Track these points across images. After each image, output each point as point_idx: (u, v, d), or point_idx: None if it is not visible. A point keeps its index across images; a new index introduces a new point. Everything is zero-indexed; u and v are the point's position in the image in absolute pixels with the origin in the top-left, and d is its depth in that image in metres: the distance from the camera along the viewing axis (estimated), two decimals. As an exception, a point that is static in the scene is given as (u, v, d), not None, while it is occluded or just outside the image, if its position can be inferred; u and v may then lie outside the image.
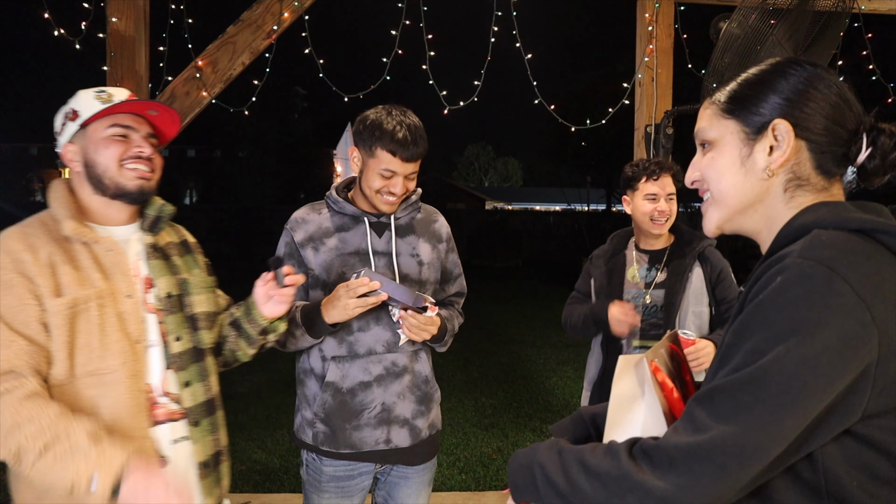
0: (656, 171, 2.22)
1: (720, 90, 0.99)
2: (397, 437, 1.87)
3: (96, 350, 1.35)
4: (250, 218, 20.56)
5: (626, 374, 1.05)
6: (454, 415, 5.14)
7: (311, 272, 1.87)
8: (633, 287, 2.28)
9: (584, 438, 1.17)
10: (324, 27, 5.76)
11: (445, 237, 2.01)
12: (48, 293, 1.33)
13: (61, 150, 1.50)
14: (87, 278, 1.38)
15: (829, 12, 2.67)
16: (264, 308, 1.61)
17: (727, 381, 0.80)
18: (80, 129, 1.46)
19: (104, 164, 1.45)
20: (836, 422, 0.79)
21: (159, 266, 1.52)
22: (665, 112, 3.30)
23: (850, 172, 0.94)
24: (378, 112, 1.82)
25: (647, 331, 2.22)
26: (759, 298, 0.81)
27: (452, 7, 3.66)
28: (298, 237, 1.88)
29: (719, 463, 0.77)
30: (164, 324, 1.49)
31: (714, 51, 2.74)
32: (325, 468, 1.89)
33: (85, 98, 1.48)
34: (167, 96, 3.04)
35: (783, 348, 0.76)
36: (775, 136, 0.91)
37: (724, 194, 0.97)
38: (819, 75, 0.92)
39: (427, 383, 1.93)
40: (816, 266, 0.78)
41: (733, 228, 1.00)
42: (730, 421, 0.78)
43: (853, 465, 0.81)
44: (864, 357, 0.76)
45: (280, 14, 3.03)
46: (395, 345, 1.85)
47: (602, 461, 0.87)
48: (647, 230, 2.25)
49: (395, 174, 1.79)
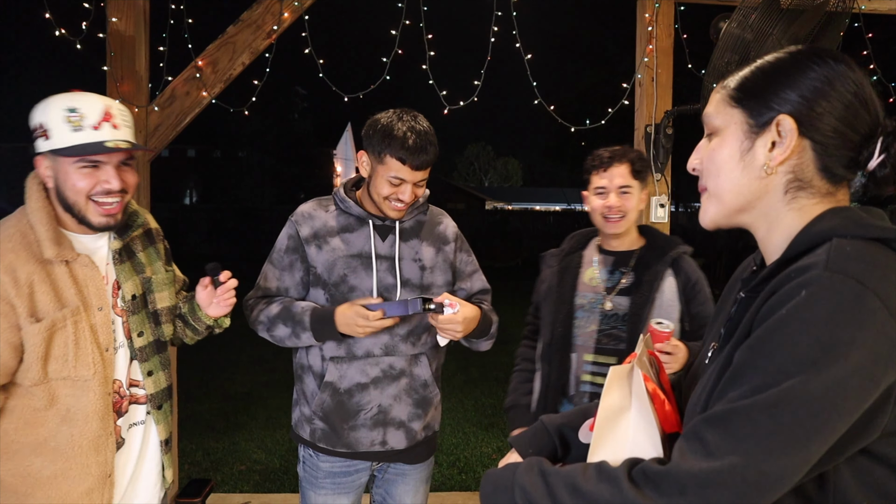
0: (605, 159, 1.95)
1: (734, 74, 0.92)
2: (393, 439, 1.88)
3: (70, 360, 1.43)
4: (250, 218, 20.55)
5: (616, 386, 0.98)
6: (454, 415, 5.14)
7: (313, 269, 1.86)
8: (588, 290, 1.99)
9: (549, 451, 1.10)
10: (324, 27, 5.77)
11: (452, 237, 1.98)
12: (25, 315, 1.38)
13: (35, 158, 1.49)
14: (64, 297, 1.43)
15: (829, 12, 2.67)
16: (208, 309, 1.70)
17: (746, 404, 0.73)
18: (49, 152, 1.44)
19: (72, 198, 1.45)
20: (857, 442, 0.75)
21: (125, 269, 1.59)
22: (665, 112, 3.30)
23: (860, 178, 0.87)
24: (388, 116, 1.79)
25: (605, 343, 1.91)
26: (782, 313, 0.75)
27: (452, 7, 3.67)
28: (304, 232, 1.86)
29: (737, 491, 0.72)
30: (128, 323, 1.59)
31: (714, 51, 2.74)
32: (322, 464, 1.90)
33: (55, 117, 1.41)
34: (167, 96, 3.04)
35: (813, 370, 0.71)
36: (779, 131, 0.85)
37: (721, 190, 0.91)
38: (838, 72, 0.84)
39: (426, 387, 1.92)
40: (846, 280, 0.73)
41: (730, 225, 0.94)
42: (750, 446, 0.72)
43: (864, 483, 0.77)
44: (891, 375, 0.72)
45: (280, 14, 3.02)
46: (394, 347, 1.85)
47: (598, 487, 0.80)
48: (602, 229, 1.99)
49: (404, 182, 1.76)
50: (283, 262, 1.89)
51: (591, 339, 1.93)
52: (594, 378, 1.92)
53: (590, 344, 1.93)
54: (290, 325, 1.81)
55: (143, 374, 1.62)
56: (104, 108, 1.44)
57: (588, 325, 1.95)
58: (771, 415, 0.72)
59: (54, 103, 1.42)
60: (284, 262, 1.89)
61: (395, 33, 3.29)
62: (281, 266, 1.90)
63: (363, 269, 1.83)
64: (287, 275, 1.89)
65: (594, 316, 1.94)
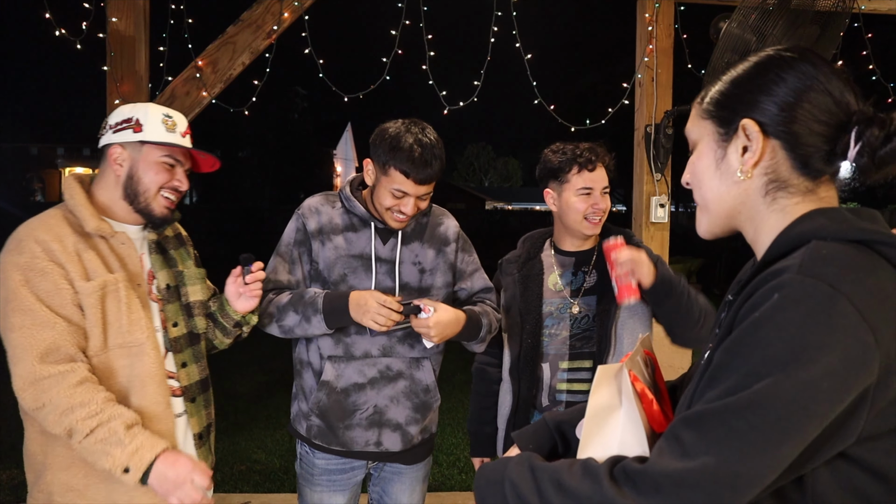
0: (591, 160, 1.86)
1: (706, 90, 0.95)
2: (388, 441, 1.87)
3: (125, 325, 1.51)
4: (250, 218, 20.58)
5: (605, 385, 0.99)
6: (454, 415, 5.14)
7: (315, 264, 1.86)
8: (555, 297, 1.91)
9: (550, 448, 1.12)
10: (324, 27, 5.76)
11: (454, 237, 1.96)
12: (78, 277, 1.46)
13: (109, 147, 1.59)
14: (110, 264, 1.53)
15: (829, 12, 2.67)
16: (236, 303, 1.72)
17: (720, 406, 0.74)
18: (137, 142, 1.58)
19: (146, 186, 1.59)
20: (832, 445, 0.75)
21: (159, 260, 1.66)
22: (665, 112, 3.30)
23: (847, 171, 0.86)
24: (396, 127, 1.76)
25: (579, 347, 1.87)
26: (756, 316, 0.75)
27: (452, 7, 3.66)
28: (311, 226, 1.85)
29: (710, 492, 0.73)
30: (164, 312, 1.64)
31: (714, 51, 2.74)
32: (318, 461, 1.91)
33: (153, 116, 1.59)
34: (167, 96, 3.04)
35: (782, 373, 0.71)
36: (746, 135, 0.87)
37: (706, 199, 0.93)
38: (799, 70, 0.85)
39: (427, 392, 1.91)
40: (818, 284, 0.73)
41: (724, 232, 0.96)
42: (722, 447, 0.73)
43: (844, 488, 0.77)
44: (864, 380, 0.72)
45: (280, 14, 3.03)
46: (391, 349, 1.85)
47: (581, 483, 0.81)
48: (580, 230, 1.89)
49: (407, 195, 1.75)
50: (292, 254, 1.88)
51: (564, 346, 1.88)
52: (571, 385, 1.88)
53: (563, 351, 1.88)
54: (300, 312, 1.77)
55: (176, 366, 1.63)
56: (187, 123, 1.67)
57: (559, 331, 1.89)
58: (743, 416, 0.73)
59: (151, 107, 1.61)
60: (294, 255, 1.87)
61: (395, 33, 3.29)
62: (291, 259, 1.88)
63: (363, 270, 1.83)
64: (297, 268, 1.87)
65: (564, 322, 1.89)
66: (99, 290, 1.47)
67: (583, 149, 1.87)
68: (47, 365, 1.39)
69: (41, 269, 1.43)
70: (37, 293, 1.42)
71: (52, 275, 1.44)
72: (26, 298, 1.41)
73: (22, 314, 1.41)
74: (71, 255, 1.47)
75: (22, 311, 1.41)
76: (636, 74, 3.37)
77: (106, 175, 1.61)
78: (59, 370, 1.39)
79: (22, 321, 1.41)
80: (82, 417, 1.38)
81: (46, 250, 1.45)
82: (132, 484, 1.41)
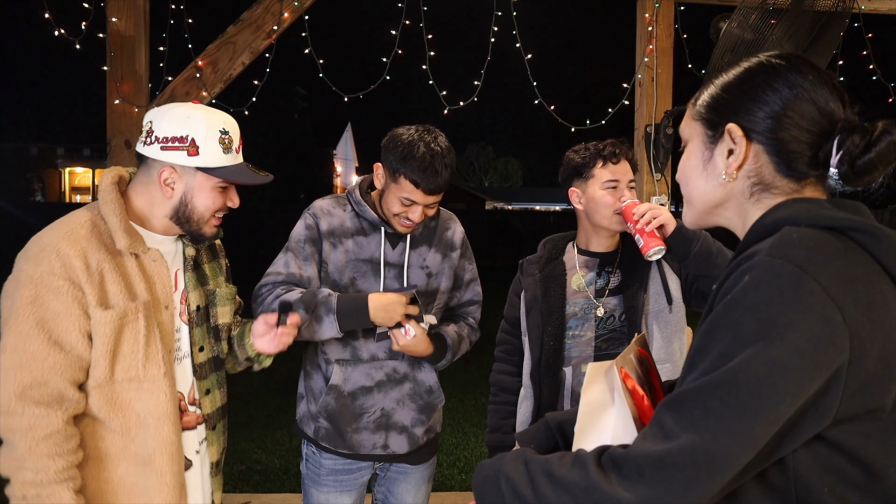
0: (615, 153, 1.81)
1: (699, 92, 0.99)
2: (395, 443, 1.89)
3: (140, 359, 1.39)
4: (250, 218, 20.56)
5: (596, 382, 1.02)
6: (454, 415, 5.14)
7: (325, 266, 1.85)
8: (579, 297, 1.85)
9: (552, 447, 1.14)
10: (324, 27, 5.77)
11: (459, 243, 1.99)
12: (95, 303, 1.33)
13: (156, 163, 1.44)
14: (134, 289, 1.40)
15: (829, 12, 2.67)
16: (257, 340, 1.64)
17: (695, 386, 0.77)
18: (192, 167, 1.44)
19: (200, 212, 1.47)
20: (808, 426, 0.76)
21: (193, 279, 1.55)
22: (665, 112, 3.30)
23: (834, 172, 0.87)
24: (409, 135, 1.75)
25: (605, 349, 1.81)
26: (728, 299, 0.78)
27: (452, 7, 3.67)
28: (323, 227, 1.84)
29: (688, 473, 0.74)
30: (192, 335, 1.54)
31: (714, 51, 2.74)
32: (325, 462, 1.91)
33: (211, 135, 1.43)
34: (167, 96, 3.04)
35: (751, 351, 0.73)
36: (732, 139, 0.90)
37: (691, 196, 0.98)
38: (785, 78, 0.87)
39: (431, 393, 1.93)
40: (785, 265, 0.75)
41: (709, 225, 1.00)
42: (698, 428, 0.75)
43: (824, 470, 0.79)
44: (835, 359, 0.73)
45: (280, 14, 3.03)
46: (397, 351, 1.85)
47: (570, 472, 0.84)
48: (608, 226, 1.82)
49: (416, 203, 1.76)
50: (304, 251, 1.84)
51: (588, 348, 1.83)
52: None
53: (588, 353, 1.82)
54: (310, 310, 1.73)
55: (200, 393, 1.54)
56: (240, 132, 1.52)
57: (584, 333, 1.84)
58: (716, 395, 0.75)
59: (208, 120, 1.43)
60: (306, 252, 1.84)
61: (395, 33, 3.29)
62: (303, 256, 1.84)
63: (372, 274, 1.84)
64: (309, 265, 1.84)
65: (589, 323, 1.83)
66: (117, 320, 1.35)
67: (605, 143, 1.83)
68: (24, 403, 1.28)
69: (55, 287, 1.31)
70: (43, 314, 1.31)
71: (65, 296, 1.32)
72: (27, 321, 1.30)
73: (17, 337, 1.30)
74: (93, 276, 1.34)
75: (18, 334, 1.30)
76: (636, 74, 3.37)
77: (151, 188, 1.46)
78: (33, 414, 1.29)
79: (15, 345, 1.30)
80: (27, 482, 1.28)
81: (66, 266, 1.32)
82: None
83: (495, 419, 1.98)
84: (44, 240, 1.35)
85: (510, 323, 1.98)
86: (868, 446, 0.78)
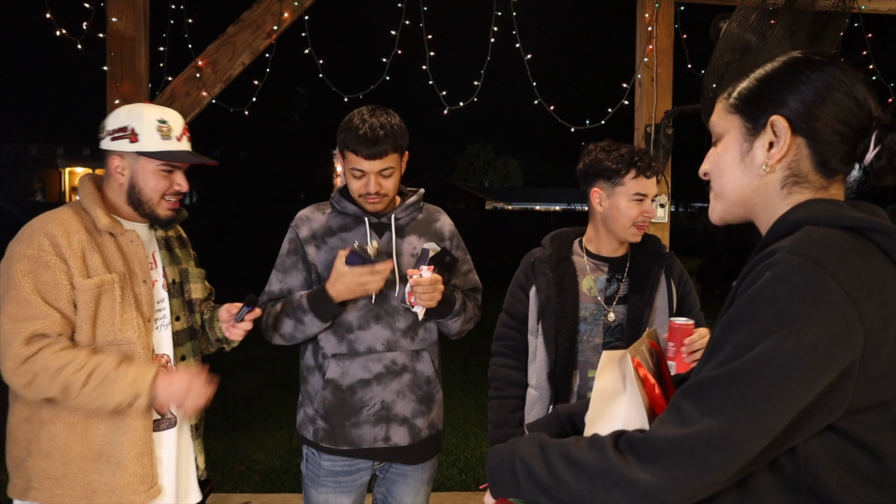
0: (651, 165, 1.80)
1: (734, 85, 0.99)
2: (396, 436, 1.89)
3: (117, 324, 1.57)
4: (250, 218, 20.54)
5: (609, 370, 1.05)
6: (454, 415, 5.14)
7: (314, 268, 1.89)
8: (591, 302, 1.84)
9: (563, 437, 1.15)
10: (324, 27, 5.77)
11: (448, 235, 2.01)
12: (78, 274, 1.53)
13: (108, 154, 1.65)
14: (112, 263, 1.60)
15: (829, 12, 2.67)
16: (223, 325, 1.79)
17: (714, 374, 0.80)
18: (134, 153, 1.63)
19: (148, 195, 1.66)
20: (820, 417, 0.80)
21: (167, 257, 1.76)
22: (665, 112, 3.30)
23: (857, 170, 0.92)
24: (353, 113, 1.84)
25: None
26: (749, 293, 0.81)
27: (452, 7, 3.67)
28: (303, 234, 1.91)
29: (704, 456, 0.78)
30: (171, 305, 1.74)
31: (714, 51, 2.74)
32: (324, 463, 1.91)
33: (148, 124, 1.62)
34: (167, 96, 3.04)
35: (770, 343, 0.77)
36: (774, 131, 0.91)
37: (724, 189, 0.99)
38: (828, 73, 0.89)
39: (429, 383, 1.93)
40: (805, 262, 0.78)
41: (736, 219, 1.01)
42: (716, 414, 0.78)
43: (835, 460, 0.81)
44: (849, 354, 0.77)
45: (280, 14, 3.03)
46: (395, 343, 1.86)
47: (587, 454, 0.86)
48: (624, 236, 1.83)
49: (365, 173, 1.80)
50: (285, 264, 1.94)
51: (595, 354, 1.82)
52: None
53: (595, 359, 1.80)
54: (292, 316, 1.83)
55: (176, 359, 1.73)
56: (183, 124, 1.70)
57: (592, 338, 1.83)
58: (735, 384, 0.78)
59: (146, 112, 1.63)
60: (287, 264, 1.94)
61: (395, 33, 3.29)
62: (284, 269, 1.94)
63: None
64: (290, 276, 1.93)
65: (598, 328, 1.83)
66: (95, 288, 1.54)
67: (640, 153, 1.81)
68: (33, 345, 1.48)
69: (46, 262, 1.51)
70: (36, 284, 1.50)
71: (54, 269, 1.51)
72: (24, 289, 1.49)
73: (17, 304, 1.49)
74: (76, 251, 1.54)
75: (17, 301, 1.49)
76: (636, 74, 3.37)
77: (110, 179, 1.68)
78: (45, 343, 1.49)
79: (17, 311, 1.48)
80: (73, 371, 1.47)
81: (54, 244, 1.52)
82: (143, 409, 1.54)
83: (502, 413, 1.91)
84: (34, 225, 1.56)
85: (514, 318, 1.94)
86: (878, 437, 0.81)
